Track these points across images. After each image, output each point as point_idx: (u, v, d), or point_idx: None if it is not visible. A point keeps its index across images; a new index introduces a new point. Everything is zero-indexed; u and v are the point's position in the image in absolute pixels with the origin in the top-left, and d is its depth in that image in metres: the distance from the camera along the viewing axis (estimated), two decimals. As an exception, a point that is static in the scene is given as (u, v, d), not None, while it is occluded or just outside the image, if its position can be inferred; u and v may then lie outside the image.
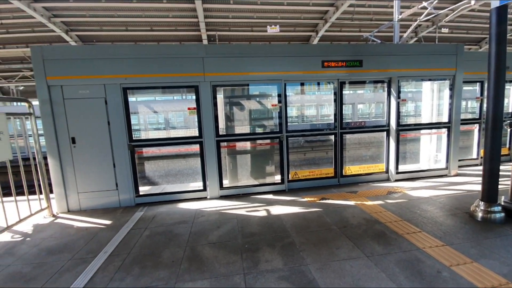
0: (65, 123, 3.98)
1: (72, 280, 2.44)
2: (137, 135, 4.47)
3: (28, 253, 2.98)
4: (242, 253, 2.79)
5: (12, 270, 2.66)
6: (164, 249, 2.94)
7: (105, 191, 4.25)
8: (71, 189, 4.13)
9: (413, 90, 5.50)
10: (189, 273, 2.49)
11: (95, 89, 4.01)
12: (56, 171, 4.02)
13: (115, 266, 2.64)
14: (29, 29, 12.64)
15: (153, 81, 4.21)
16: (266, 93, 5.00)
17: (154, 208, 4.26)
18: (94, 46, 4.11)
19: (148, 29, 13.14)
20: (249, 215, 3.82)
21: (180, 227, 3.50)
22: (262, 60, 4.48)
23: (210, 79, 4.31)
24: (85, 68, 3.96)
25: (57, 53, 3.93)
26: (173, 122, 11.56)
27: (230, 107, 4.88)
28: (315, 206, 4.04)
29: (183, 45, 5.62)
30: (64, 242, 3.20)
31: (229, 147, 4.85)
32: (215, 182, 4.58)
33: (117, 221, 3.77)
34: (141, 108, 5.63)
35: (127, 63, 4.09)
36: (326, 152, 5.54)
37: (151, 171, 4.98)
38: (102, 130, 4.09)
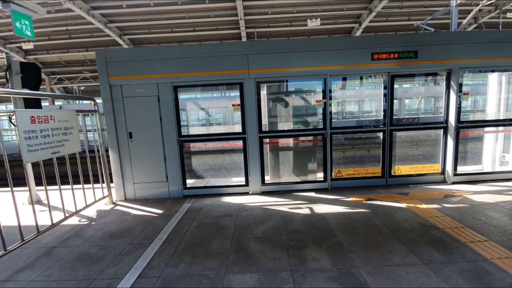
0: (123, 119, 4.36)
1: (132, 263, 2.67)
2: (184, 131, 4.71)
3: (94, 235, 3.34)
4: (288, 250, 2.79)
5: (81, 250, 3.01)
6: (212, 240, 3.07)
7: (157, 183, 4.57)
8: (128, 180, 4.54)
9: (469, 82, 4.91)
10: (237, 265, 2.56)
11: (149, 88, 4.32)
12: (115, 163, 4.45)
13: (169, 252, 2.83)
14: (88, 34, 14.07)
15: (200, 79, 4.38)
16: (310, 88, 4.89)
17: (200, 200, 4.47)
18: (149, 47, 4.42)
19: (191, 29, 13.73)
20: (292, 212, 3.80)
21: (225, 220, 3.62)
22: (307, 55, 4.37)
23: (254, 75, 4.35)
24: (141, 68, 4.28)
25: (118, 55, 4.30)
26: (211, 119, 11.98)
27: (273, 103, 4.88)
28: (362, 207, 3.86)
29: (230, 43, 5.73)
30: (123, 227, 3.52)
31: (272, 144, 4.86)
32: (257, 178, 4.63)
33: (167, 211, 4.03)
34: (184, 105, 5.94)
35: (178, 62, 4.31)
36: (372, 150, 5.25)
37: (196, 165, 5.22)
38: (155, 126, 4.40)
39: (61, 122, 3.30)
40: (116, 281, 2.38)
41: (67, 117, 3.44)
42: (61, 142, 3.29)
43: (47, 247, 3.07)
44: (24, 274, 2.57)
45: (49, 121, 3.11)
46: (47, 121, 3.07)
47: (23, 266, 2.71)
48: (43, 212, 3.91)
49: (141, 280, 2.38)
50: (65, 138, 3.35)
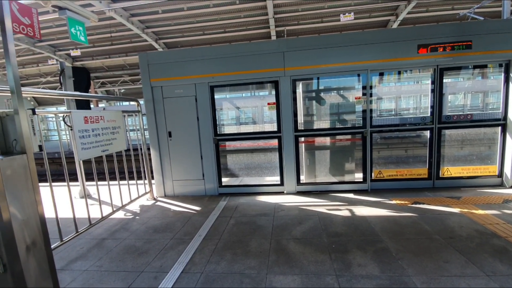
0: (163, 119, 4.55)
1: (176, 258, 2.75)
2: (218, 130, 4.77)
3: (139, 229, 3.51)
4: (331, 253, 2.68)
5: (128, 243, 3.17)
6: (251, 239, 3.06)
7: (194, 180, 4.70)
8: (167, 177, 4.72)
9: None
10: (278, 265, 2.51)
11: (187, 88, 4.45)
12: (156, 160, 4.65)
13: (210, 249, 2.87)
14: (127, 40, 14.96)
15: (236, 78, 4.41)
16: (348, 85, 4.68)
17: (235, 198, 4.50)
18: (186, 49, 4.54)
19: (222, 31, 13.96)
20: (331, 213, 3.66)
21: (262, 219, 3.59)
22: (345, 50, 4.19)
23: (290, 73, 4.27)
24: (180, 69, 4.42)
25: (158, 58, 4.49)
26: (242, 118, 12.09)
27: (309, 101, 4.76)
28: (407, 210, 3.60)
29: (265, 42, 5.72)
30: (165, 222, 3.66)
31: (307, 142, 4.74)
32: (293, 178, 4.55)
33: (205, 208, 4.12)
34: (218, 105, 6.05)
35: (214, 63, 4.38)
36: (416, 149, 4.89)
37: (231, 164, 5.27)
38: (192, 125, 4.52)
39: (109, 122, 3.52)
40: (162, 274, 2.46)
41: (115, 117, 3.66)
42: (110, 140, 3.51)
43: (98, 238, 3.29)
44: (78, 263, 2.77)
45: (100, 121, 3.33)
46: (97, 121, 3.29)
47: (77, 256, 2.92)
48: (92, 205, 4.21)
49: (185, 275, 2.44)
50: (113, 137, 3.57)
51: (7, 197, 1.88)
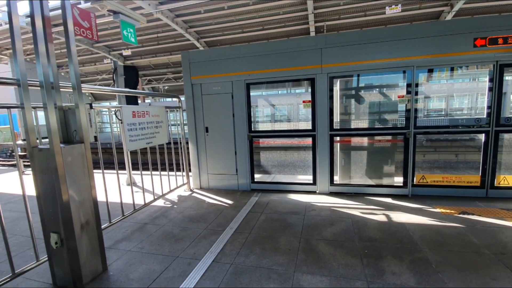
0: (201, 115, 4.77)
1: (208, 247, 2.89)
2: (253, 127, 4.85)
3: (176, 218, 3.76)
4: (362, 258, 2.58)
5: (166, 229, 3.41)
6: (280, 236, 3.08)
7: (228, 175, 4.86)
8: (203, 170, 4.95)
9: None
10: (307, 265, 2.50)
11: (224, 86, 4.60)
12: (194, 154, 4.91)
13: (240, 242, 2.97)
14: (172, 40, 15.85)
15: (271, 76, 4.43)
16: (390, 82, 4.41)
17: (266, 195, 4.56)
18: (224, 48, 4.69)
19: (260, 28, 14.03)
20: (365, 217, 3.51)
21: (293, 217, 3.59)
22: (388, 45, 3.94)
23: (327, 70, 4.16)
24: (218, 67, 4.58)
25: (199, 56, 4.71)
26: (276, 115, 12.09)
27: (347, 99, 4.59)
28: (453, 220, 3.30)
29: (302, 38, 5.64)
30: (200, 213, 3.86)
31: (343, 142, 4.59)
32: (326, 178, 4.44)
33: (237, 202, 4.24)
34: (253, 102, 6.14)
35: (250, 60, 4.46)
36: (468, 154, 4.43)
37: (264, 161, 5.34)
38: (228, 121, 4.67)
39: (154, 116, 3.81)
40: (195, 261, 2.62)
41: (158, 112, 3.95)
42: (153, 134, 3.80)
43: (140, 223, 3.60)
44: (123, 244, 3.07)
45: (145, 115, 3.62)
46: (143, 115, 3.59)
47: (122, 237, 3.23)
48: (137, 193, 4.61)
49: (216, 264, 2.56)
50: (156, 130, 3.86)
51: (67, 181, 2.16)
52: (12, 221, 3.81)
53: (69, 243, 2.19)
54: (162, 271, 2.49)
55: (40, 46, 2.04)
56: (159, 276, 2.41)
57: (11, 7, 1.95)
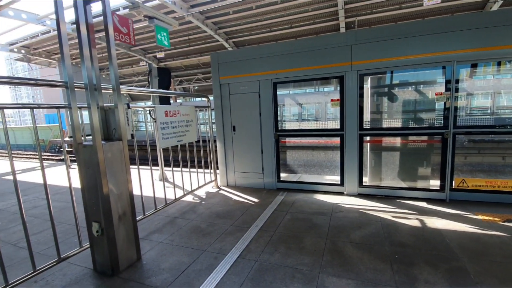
0: (229, 114, 4.88)
1: (234, 243, 2.97)
2: (279, 126, 4.84)
3: (204, 213, 3.90)
4: (392, 264, 2.47)
5: (194, 224, 3.56)
6: (306, 236, 3.06)
7: (254, 173, 4.92)
8: (230, 168, 5.07)
9: None
10: (332, 267, 2.46)
11: (251, 85, 4.65)
12: (221, 152, 5.05)
13: (265, 240, 3.00)
14: (202, 41, 16.34)
15: (299, 74, 4.39)
16: (427, 79, 4.14)
17: (292, 194, 4.53)
18: (251, 48, 4.74)
19: (288, 26, 13.92)
20: (397, 221, 3.35)
21: (319, 218, 3.53)
22: (425, 39, 3.69)
23: (357, 67, 4.02)
24: (245, 67, 4.65)
25: (227, 57, 4.82)
26: (303, 114, 11.91)
27: (378, 97, 4.40)
28: (496, 229, 3.02)
29: (331, 35, 5.51)
30: (226, 210, 3.96)
31: (373, 142, 4.41)
32: (354, 179, 4.30)
33: (263, 201, 4.28)
34: (279, 101, 6.13)
35: (277, 59, 4.46)
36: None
37: (290, 160, 5.31)
38: (255, 121, 4.72)
39: (184, 115, 3.98)
40: (221, 256, 2.70)
41: (189, 111, 4.12)
42: (184, 132, 3.98)
43: (171, 217, 3.80)
44: (155, 235, 3.26)
45: (177, 115, 3.80)
46: (175, 115, 3.77)
47: (155, 229, 3.43)
48: (168, 188, 4.85)
49: (241, 260, 2.62)
50: (186, 129, 4.04)
51: (107, 175, 2.35)
52: (59, 210, 4.22)
53: (109, 232, 2.39)
54: (190, 263, 2.61)
55: (85, 51, 2.25)
56: (187, 268, 2.52)
57: (59, 15, 2.16)
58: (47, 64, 21.61)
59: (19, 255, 2.90)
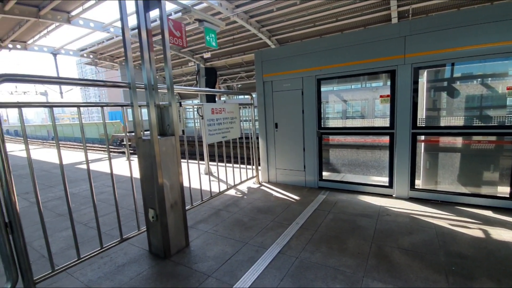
0: (271, 111, 4.93)
1: (275, 238, 3.02)
2: (322, 124, 4.72)
3: (246, 207, 4.02)
4: (448, 275, 2.26)
5: (236, 217, 3.70)
6: (349, 237, 2.96)
7: (295, 171, 4.90)
8: (272, 165, 5.13)
9: None
10: (378, 272, 2.35)
11: (295, 82, 4.62)
12: (263, 149, 5.13)
13: (306, 238, 2.99)
14: (245, 40, 16.66)
15: (344, 70, 4.22)
16: (497, 71, 3.63)
17: (335, 194, 4.41)
18: (294, 44, 4.70)
19: (334, 20, 13.38)
20: (455, 230, 3.03)
21: (363, 220, 3.38)
22: (497, 26, 3.22)
23: (411, 60, 3.71)
24: (289, 64, 4.64)
25: (270, 54, 4.86)
26: (348, 111, 11.36)
27: (435, 93, 4.01)
28: None
29: (381, 27, 5.18)
30: (267, 205, 4.04)
31: (429, 142, 4.03)
32: (405, 181, 4.00)
33: (304, 199, 4.25)
34: (323, 98, 5.96)
35: (322, 55, 4.34)
36: None
37: (333, 158, 5.16)
38: (297, 118, 4.68)
39: (229, 113, 4.15)
40: (262, 250, 2.78)
41: (233, 109, 4.28)
42: (228, 129, 4.15)
43: (216, 209, 4.01)
44: (201, 225, 3.49)
45: (222, 112, 3.98)
46: (220, 112, 3.95)
47: (201, 219, 3.67)
48: (213, 181, 5.12)
49: (281, 255, 2.66)
50: (230, 126, 4.20)
51: (162, 167, 2.59)
52: (120, 196, 4.76)
53: (162, 219, 2.64)
54: (233, 254, 2.73)
55: (145, 54, 2.50)
56: (230, 258, 2.65)
57: (124, 23, 2.44)
58: (111, 67, 24.24)
59: (89, 234, 3.36)
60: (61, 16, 13.08)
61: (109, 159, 2.78)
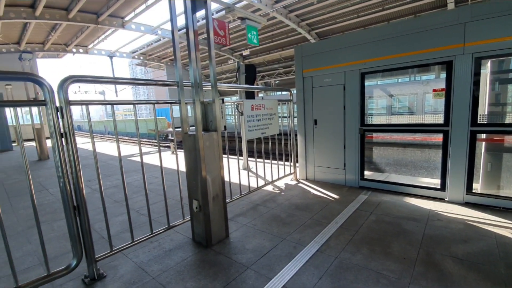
0: (311, 108, 4.84)
1: (313, 236, 2.99)
2: (366, 120, 4.49)
3: (283, 204, 4.04)
4: (512, 290, 2.01)
5: (274, 212, 3.74)
6: (393, 241, 2.80)
7: (334, 169, 4.76)
8: (310, 162, 5.05)
9: None
10: (426, 279, 2.19)
11: (336, 77, 4.46)
12: (301, 146, 5.07)
13: (346, 238, 2.90)
14: (284, 35, 16.50)
15: (392, 62, 3.94)
16: None
17: (377, 194, 4.18)
18: (337, 37, 4.52)
19: (379, 9, 12.53)
20: (522, 241, 2.67)
21: (410, 224, 3.16)
22: None
23: (472, 49, 3.32)
24: (330, 59, 4.49)
25: (310, 49, 4.76)
26: (394, 107, 10.55)
27: (500, 86, 3.54)
28: None
29: (436, 13, 4.72)
30: (305, 203, 4.00)
31: (491, 141, 3.59)
32: (460, 184, 3.62)
33: (343, 198, 4.11)
34: (366, 93, 5.64)
35: (366, 47, 4.12)
36: None
37: (377, 157, 4.89)
38: (338, 114, 4.53)
39: (268, 109, 4.18)
40: (300, 247, 2.78)
41: (272, 105, 4.30)
42: (267, 125, 4.19)
43: (253, 203, 4.10)
44: (240, 218, 3.60)
45: (261, 108, 4.03)
46: (260, 108, 4.01)
47: (240, 213, 3.78)
48: (251, 177, 5.23)
49: (320, 254, 2.63)
50: (269, 122, 4.23)
51: (205, 161, 2.73)
52: (167, 187, 5.12)
53: (205, 210, 2.79)
54: (271, 248, 2.78)
55: (192, 54, 2.64)
56: (268, 252, 2.71)
57: (173, 24, 2.60)
58: (158, 67, 26.00)
59: (140, 220, 3.70)
60: (116, 22, 14.40)
61: (159, 153, 3.02)
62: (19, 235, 3.37)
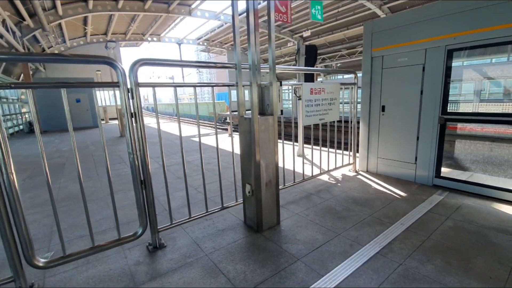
0: (378, 92, 4.29)
1: (372, 236, 2.70)
2: (452, 107, 3.76)
3: (339, 195, 3.77)
4: None
5: (328, 204, 3.51)
6: (476, 255, 2.33)
7: (402, 162, 4.20)
8: (373, 153, 4.56)
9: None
10: (523, 309, 1.75)
11: (414, 56, 3.81)
12: (364, 135, 4.60)
13: (413, 244, 2.54)
14: (350, 13, 15.02)
15: (491, 36, 3.14)
16: None
17: (456, 196, 3.55)
18: (418, 9, 3.81)
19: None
20: None
21: (499, 237, 2.59)
22: None
23: None
24: (407, 34, 3.84)
25: (383, 24, 4.14)
26: (485, 92, 8.68)
27: None
28: None
29: None
30: (364, 197, 3.65)
31: None
32: None
33: (411, 196, 3.61)
34: (457, 75, 4.67)
35: (457, 18, 3.36)
36: None
37: (459, 152, 4.12)
38: (412, 100, 3.91)
39: (328, 93, 3.86)
40: (357, 245, 2.54)
41: (333, 89, 3.95)
42: (326, 111, 3.88)
43: (307, 192, 3.94)
44: (292, 206, 3.50)
45: (321, 92, 3.74)
46: (320, 92, 3.72)
47: (292, 200, 3.68)
48: (306, 164, 5.03)
49: (380, 257, 2.35)
50: (329, 107, 3.92)
51: (260, 145, 2.66)
52: (222, 168, 5.32)
53: (257, 194, 2.77)
54: (323, 242, 2.62)
55: (251, 37, 2.53)
56: (320, 246, 2.55)
57: (234, 8, 2.53)
58: (220, 52, 26.97)
59: (198, 197, 3.93)
60: (184, 10, 15.25)
61: (215, 136, 3.09)
62: (100, 200, 3.95)
